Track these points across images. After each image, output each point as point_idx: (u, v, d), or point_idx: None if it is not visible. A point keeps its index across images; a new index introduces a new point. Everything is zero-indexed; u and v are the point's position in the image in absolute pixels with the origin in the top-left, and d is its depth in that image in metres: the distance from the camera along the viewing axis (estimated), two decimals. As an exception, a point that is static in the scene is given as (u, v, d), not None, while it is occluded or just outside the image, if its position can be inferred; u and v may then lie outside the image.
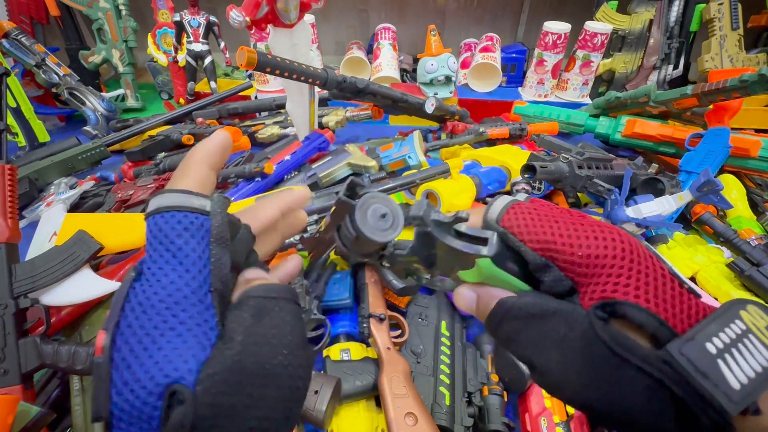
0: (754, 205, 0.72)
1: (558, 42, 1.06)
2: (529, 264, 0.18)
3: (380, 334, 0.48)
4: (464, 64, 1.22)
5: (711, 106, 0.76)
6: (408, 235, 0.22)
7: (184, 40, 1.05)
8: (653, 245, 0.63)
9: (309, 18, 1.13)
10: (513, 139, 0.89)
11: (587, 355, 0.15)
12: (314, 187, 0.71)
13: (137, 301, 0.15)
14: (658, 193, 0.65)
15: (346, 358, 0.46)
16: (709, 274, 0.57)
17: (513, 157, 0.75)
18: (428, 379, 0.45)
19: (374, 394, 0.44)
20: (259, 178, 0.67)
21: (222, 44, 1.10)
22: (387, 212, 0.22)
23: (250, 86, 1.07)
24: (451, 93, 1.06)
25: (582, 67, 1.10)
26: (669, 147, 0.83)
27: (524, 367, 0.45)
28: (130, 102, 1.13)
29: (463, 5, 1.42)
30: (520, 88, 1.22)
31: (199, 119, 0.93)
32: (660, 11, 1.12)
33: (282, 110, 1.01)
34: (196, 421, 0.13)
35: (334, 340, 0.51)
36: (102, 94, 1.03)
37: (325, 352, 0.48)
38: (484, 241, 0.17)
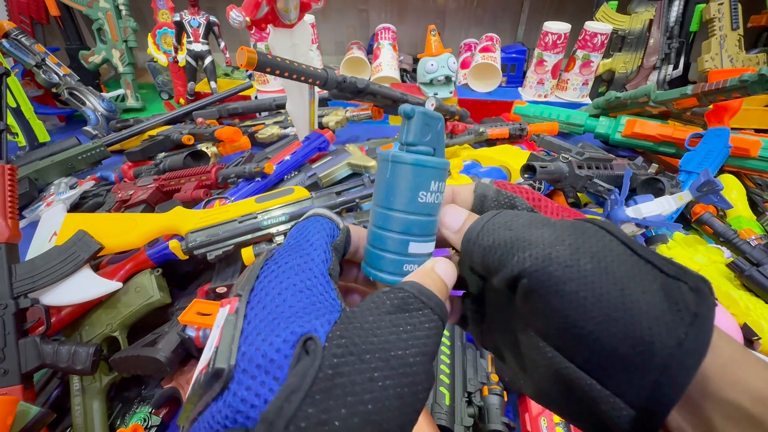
0: (753, 205, 0.72)
1: (558, 42, 1.06)
2: None
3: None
4: (464, 64, 1.22)
5: (711, 106, 0.76)
6: None
7: (184, 40, 1.05)
8: (653, 245, 0.64)
9: (309, 18, 1.13)
10: (513, 139, 0.89)
11: (578, 229, 0.16)
12: (314, 187, 0.71)
13: (271, 272, 0.17)
14: (658, 193, 0.66)
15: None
16: (708, 274, 0.57)
17: (513, 157, 0.75)
18: (428, 379, 0.45)
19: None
20: (259, 178, 0.67)
21: (222, 44, 1.10)
22: None
23: (250, 86, 1.07)
24: (451, 93, 1.06)
25: (582, 67, 1.10)
26: (669, 147, 0.83)
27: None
28: (130, 102, 1.13)
29: (463, 5, 1.42)
30: (520, 88, 1.22)
31: (199, 119, 0.93)
32: (660, 11, 1.12)
33: (282, 110, 1.01)
34: (320, 373, 0.13)
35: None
36: (102, 94, 1.03)
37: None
38: None
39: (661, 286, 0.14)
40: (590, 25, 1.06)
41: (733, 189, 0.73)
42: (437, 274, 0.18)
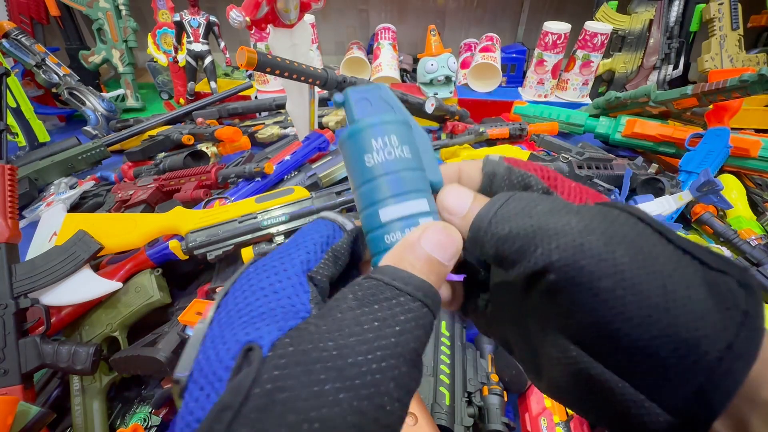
0: (753, 205, 0.72)
1: (558, 42, 1.06)
2: None
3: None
4: (464, 64, 1.22)
5: (711, 106, 0.76)
6: None
7: (184, 40, 1.05)
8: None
9: (309, 18, 1.13)
10: (513, 139, 0.89)
11: (608, 216, 0.14)
12: (314, 187, 0.71)
13: (248, 274, 0.15)
14: (658, 193, 0.66)
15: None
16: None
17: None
18: (428, 379, 0.45)
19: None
20: (259, 178, 0.67)
21: (222, 44, 1.10)
22: None
23: (250, 86, 1.07)
24: (451, 93, 1.06)
25: (582, 67, 1.10)
26: (669, 147, 0.83)
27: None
28: (130, 102, 1.13)
29: (463, 5, 1.42)
30: (520, 88, 1.22)
31: (199, 119, 0.93)
32: (660, 11, 1.12)
33: (282, 110, 1.01)
34: (255, 388, 0.11)
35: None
36: (102, 94, 1.03)
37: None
38: None
39: (704, 280, 0.12)
40: (590, 25, 1.06)
41: (733, 189, 0.73)
42: (423, 248, 0.15)
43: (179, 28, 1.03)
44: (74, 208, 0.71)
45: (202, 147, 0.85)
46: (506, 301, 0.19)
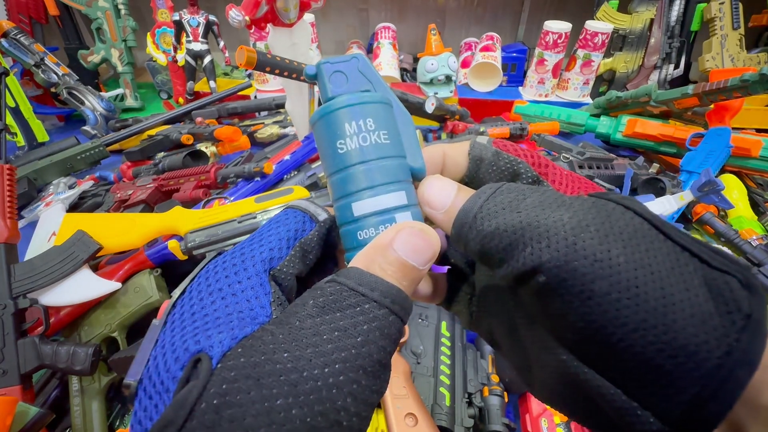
0: (755, 205, 0.72)
1: (558, 41, 1.06)
2: None
3: (380, 334, 0.48)
4: (464, 64, 1.22)
5: (712, 106, 0.76)
6: None
7: (184, 39, 1.05)
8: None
9: (309, 17, 1.12)
10: (513, 138, 0.89)
11: (602, 210, 0.13)
12: (314, 187, 0.71)
13: (207, 272, 0.15)
14: (659, 192, 0.65)
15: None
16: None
17: (513, 157, 0.74)
18: (428, 380, 0.45)
19: (374, 395, 0.44)
20: (258, 178, 0.67)
21: (221, 43, 1.10)
22: None
23: (250, 86, 1.07)
24: (451, 92, 1.06)
25: (583, 66, 1.10)
26: (670, 147, 0.83)
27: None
28: (129, 101, 1.13)
29: (463, 4, 1.42)
30: (520, 88, 1.21)
31: (199, 119, 0.93)
32: (661, 10, 1.12)
33: (281, 110, 1.01)
34: (201, 404, 0.11)
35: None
36: (101, 93, 1.03)
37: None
38: None
39: (704, 280, 0.12)
40: (591, 25, 1.05)
41: (734, 189, 0.72)
42: (396, 251, 0.14)
43: (178, 27, 1.03)
44: (73, 208, 0.71)
45: (202, 147, 0.85)
46: (493, 297, 0.18)
